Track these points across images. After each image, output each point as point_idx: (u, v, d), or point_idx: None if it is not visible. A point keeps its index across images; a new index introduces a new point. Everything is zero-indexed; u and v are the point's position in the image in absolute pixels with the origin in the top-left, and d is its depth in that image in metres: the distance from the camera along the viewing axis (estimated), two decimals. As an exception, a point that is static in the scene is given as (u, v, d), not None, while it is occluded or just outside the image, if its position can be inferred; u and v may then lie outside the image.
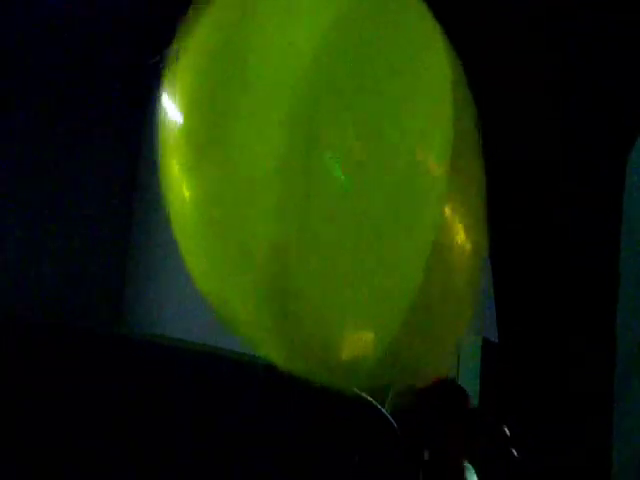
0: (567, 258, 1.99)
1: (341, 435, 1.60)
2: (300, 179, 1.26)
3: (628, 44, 2.02)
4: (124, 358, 1.65)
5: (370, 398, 1.64)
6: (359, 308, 1.31)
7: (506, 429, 1.74)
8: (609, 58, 2.00)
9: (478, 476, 1.54)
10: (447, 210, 1.35)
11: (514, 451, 1.74)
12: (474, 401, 1.69)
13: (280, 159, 1.26)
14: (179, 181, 1.32)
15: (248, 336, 1.36)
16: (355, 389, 1.57)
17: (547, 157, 2.02)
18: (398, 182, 1.29)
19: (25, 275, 5.03)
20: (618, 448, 2.19)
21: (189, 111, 1.32)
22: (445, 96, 1.33)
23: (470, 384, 2.59)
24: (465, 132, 1.35)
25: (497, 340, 2.25)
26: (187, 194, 1.33)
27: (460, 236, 1.34)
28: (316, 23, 1.31)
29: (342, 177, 1.28)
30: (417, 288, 1.30)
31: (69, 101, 5.20)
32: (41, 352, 1.60)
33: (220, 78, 1.31)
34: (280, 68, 1.29)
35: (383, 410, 1.62)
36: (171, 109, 1.33)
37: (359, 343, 1.33)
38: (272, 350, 1.34)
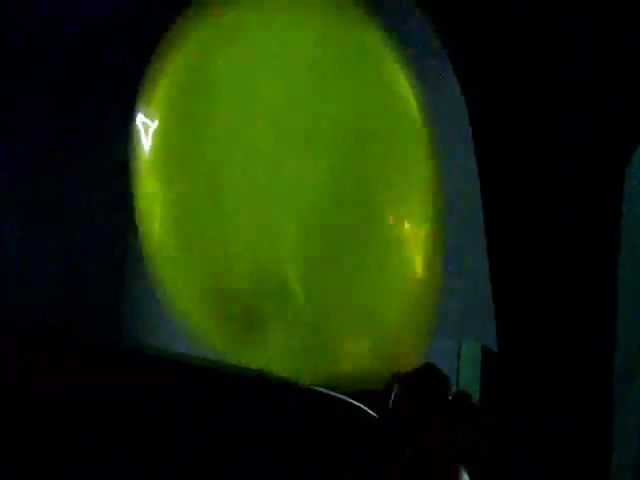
0: (566, 259, 2.00)
1: (330, 439, 1.60)
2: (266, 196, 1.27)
3: (630, 44, 2.03)
4: (122, 366, 1.65)
5: (357, 402, 1.64)
6: (354, 314, 1.33)
7: (503, 428, 1.75)
8: (612, 63, 2.00)
9: (477, 476, 1.54)
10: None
11: (511, 450, 1.74)
12: (474, 398, 1.69)
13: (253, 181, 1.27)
14: (153, 203, 1.33)
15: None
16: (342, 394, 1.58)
17: (547, 158, 2.03)
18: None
19: (24, 276, 5.04)
20: (618, 448, 2.20)
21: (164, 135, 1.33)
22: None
23: (470, 385, 2.59)
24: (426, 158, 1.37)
25: (495, 342, 2.25)
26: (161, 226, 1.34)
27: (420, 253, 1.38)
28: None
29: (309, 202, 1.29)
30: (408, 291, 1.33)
31: (69, 101, 5.20)
32: (42, 355, 1.60)
33: (195, 96, 1.32)
34: (251, 88, 1.29)
35: (372, 413, 1.63)
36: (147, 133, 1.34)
37: (356, 349, 1.35)
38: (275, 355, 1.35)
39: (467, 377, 2.79)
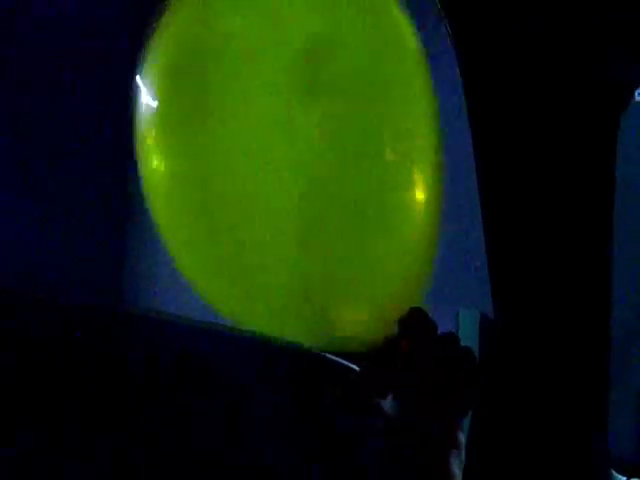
0: (563, 222, 2.00)
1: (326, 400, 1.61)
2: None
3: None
4: (120, 333, 1.66)
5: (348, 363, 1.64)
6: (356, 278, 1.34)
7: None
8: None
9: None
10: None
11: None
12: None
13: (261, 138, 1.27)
14: (156, 163, 1.32)
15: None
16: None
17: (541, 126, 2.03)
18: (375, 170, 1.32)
19: (24, 250, 5.05)
20: (616, 425, 2.21)
21: (166, 88, 1.32)
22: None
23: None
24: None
25: (491, 311, 2.24)
26: (166, 178, 1.32)
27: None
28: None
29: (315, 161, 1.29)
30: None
31: (69, 74, 5.20)
32: (35, 325, 1.60)
33: (198, 53, 1.31)
34: (263, 39, 1.29)
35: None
36: (147, 86, 1.33)
37: (357, 312, 1.36)
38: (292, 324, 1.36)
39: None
